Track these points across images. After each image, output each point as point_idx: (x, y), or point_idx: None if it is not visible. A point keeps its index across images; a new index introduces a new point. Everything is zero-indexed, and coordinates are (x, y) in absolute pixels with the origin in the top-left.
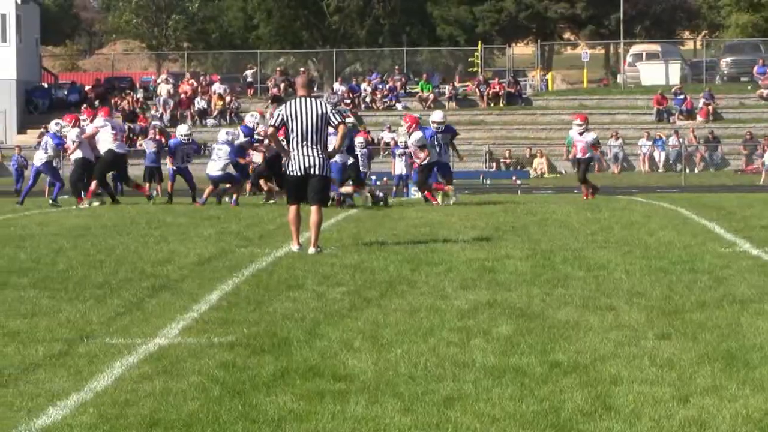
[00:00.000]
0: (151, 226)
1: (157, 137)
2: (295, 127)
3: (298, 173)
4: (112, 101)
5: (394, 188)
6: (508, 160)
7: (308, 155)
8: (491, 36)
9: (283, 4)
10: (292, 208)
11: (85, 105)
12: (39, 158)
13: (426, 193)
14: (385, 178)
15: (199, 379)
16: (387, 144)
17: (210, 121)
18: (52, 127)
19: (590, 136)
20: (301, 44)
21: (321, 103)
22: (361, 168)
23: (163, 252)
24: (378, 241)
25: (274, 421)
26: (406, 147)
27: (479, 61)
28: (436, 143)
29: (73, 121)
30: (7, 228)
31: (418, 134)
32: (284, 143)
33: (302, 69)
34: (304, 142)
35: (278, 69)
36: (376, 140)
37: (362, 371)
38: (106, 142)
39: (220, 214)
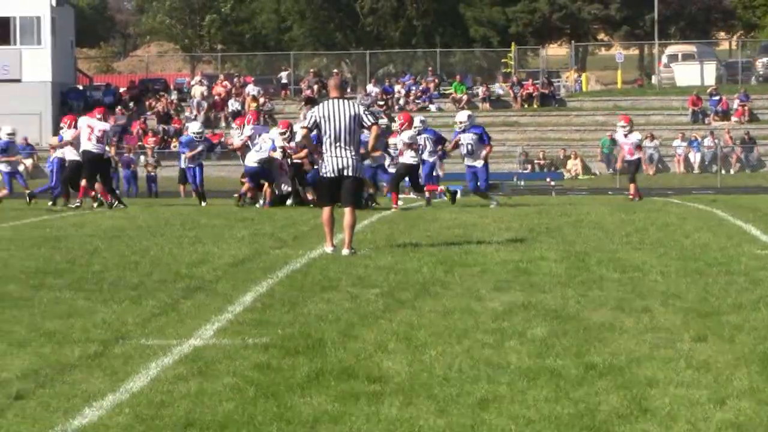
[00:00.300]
0: (185, 227)
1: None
2: (329, 128)
3: (332, 175)
4: (147, 103)
5: (385, 188)
6: (542, 162)
7: (341, 157)
8: (524, 37)
9: (316, 5)
10: (326, 210)
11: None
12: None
13: (393, 194)
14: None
15: (234, 381)
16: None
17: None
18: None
19: (635, 137)
20: (334, 46)
21: (354, 105)
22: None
23: (198, 253)
24: (412, 243)
25: (308, 422)
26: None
27: (513, 63)
28: (422, 144)
29: (69, 122)
30: (42, 229)
31: (408, 132)
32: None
33: (335, 71)
34: (338, 144)
35: (312, 70)
36: None
37: (397, 373)
38: (83, 142)
39: (254, 215)
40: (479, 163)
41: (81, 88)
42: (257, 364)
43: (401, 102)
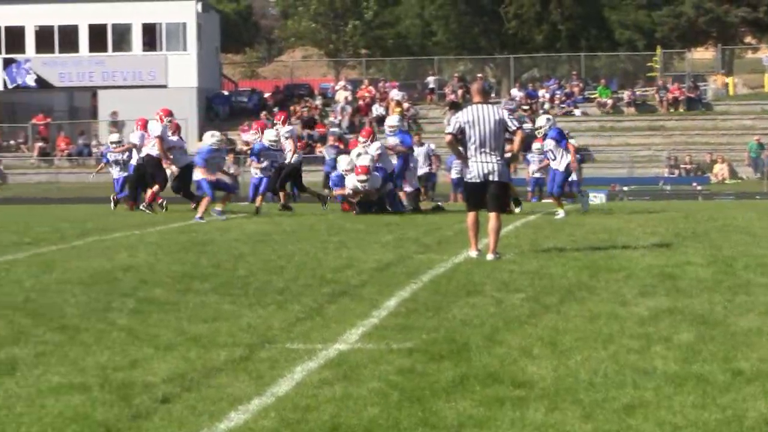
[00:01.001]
0: (330, 232)
1: (336, 144)
2: (474, 134)
3: (478, 180)
4: (291, 108)
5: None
6: (688, 166)
7: (487, 162)
8: (670, 41)
9: (460, 10)
10: (471, 215)
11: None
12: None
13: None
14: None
15: (379, 385)
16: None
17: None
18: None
19: None
20: (478, 50)
21: (498, 109)
22: (539, 174)
23: (343, 258)
24: (557, 248)
25: (453, 427)
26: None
27: (658, 66)
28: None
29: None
30: (188, 234)
31: (377, 144)
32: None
33: (478, 75)
34: (483, 149)
35: (456, 75)
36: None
37: (542, 378)
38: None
39: (399, 220)
40: (560, 167)
41: (226, 93)
42: (402, 369)
43: (546, 106)
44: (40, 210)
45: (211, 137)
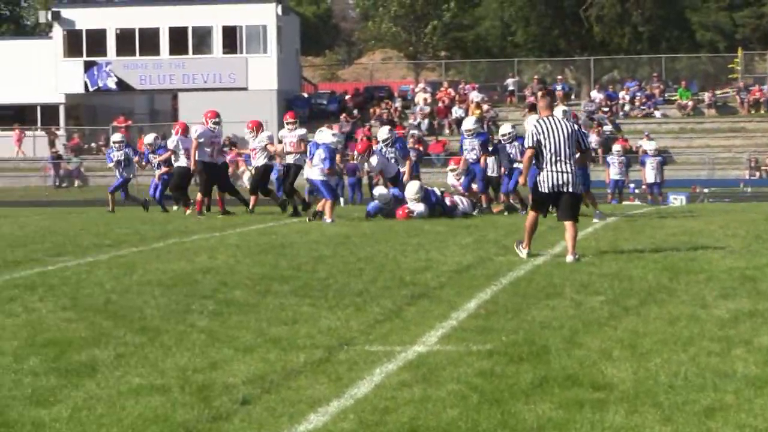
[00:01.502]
0: (409, 234)
1: (416, 146)
2: (549, 144)
3: (550, 191)
4: (371, 110)
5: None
6: None
7: (562, 171)
8: (751, 42)
9: (540, 12)
10: (533, 215)
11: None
12: None
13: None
14: (643, 186)
15: (458, 387)
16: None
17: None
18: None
19: None
20: (558, 52)
21: (571, 122)
22: (618, 176)
23: (421, 260)
24: (636, 250)
25: (533, 429)
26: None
27: (739, 68)
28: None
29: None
30: (268, 236)
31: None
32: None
33: (539, 91)
34: (557, 159)
35: (535, 77)
36: (634, 148)
37: (621, 380)
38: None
39: (478, 222)
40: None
41: (306, 95)
42: (481, 371)
43: (626, 108)
44: (120, 212)
45: (333, 136)
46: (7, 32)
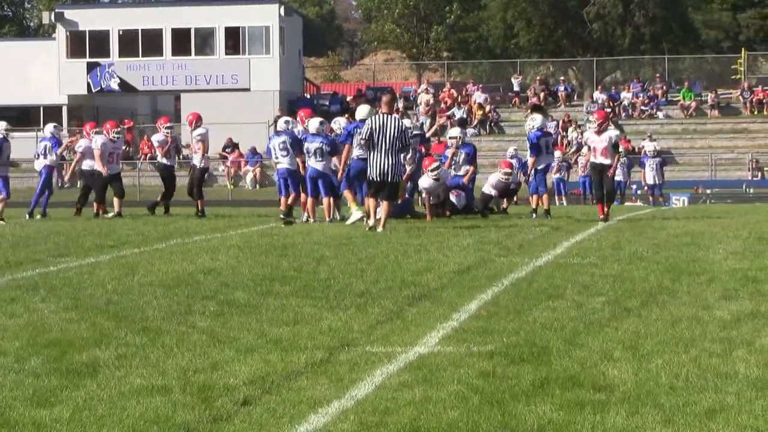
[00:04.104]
0: (410, 235)
1: (417, 147)
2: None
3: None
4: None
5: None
6: None
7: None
8: (755, 42)
9: (543, 13)
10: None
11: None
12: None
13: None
14: (645, 188)
15: (459, 388)
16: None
17: (470, 131)
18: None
19: None
20: (561, 53)
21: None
22: (620, 177)
23: (423, 261)
24: (638, 251)
25: (533, 430)
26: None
27: (743, 68)
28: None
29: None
30: (270, 237)
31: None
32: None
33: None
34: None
35: (538, 78)
36: (636, 149)
37: (622, 381)
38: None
39: (479, 223)
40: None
41: (308, 96)
42: (482, 372)
43: (629, 109)
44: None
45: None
46: (10, 33)
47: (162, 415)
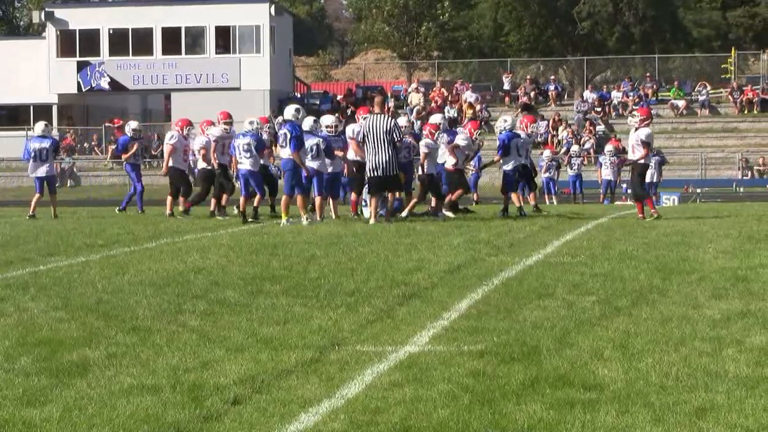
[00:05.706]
0: (400, 234)
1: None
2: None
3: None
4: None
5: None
6: (762, 168)
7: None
8: (745, 42)
9: (533, 12)
10: None
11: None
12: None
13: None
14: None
15: (449, 387)
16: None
17: (459, 130)
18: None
19: None
20: (551, 52)
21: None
22: (610, 176)
23: (413, 260)
24: (628, 250)
25: (523, 429)
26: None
27: (732, 68)
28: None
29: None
30: (260, 236)
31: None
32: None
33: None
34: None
35: (528, 77)
36: (624, 149)
37: (612, 380)
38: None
39: (470, 222)
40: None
41: (299, 95)
42: (472, 371)
43: (619, 108)
44: (112, 212)
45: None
46: (0, 32)
47: (152, 414)
